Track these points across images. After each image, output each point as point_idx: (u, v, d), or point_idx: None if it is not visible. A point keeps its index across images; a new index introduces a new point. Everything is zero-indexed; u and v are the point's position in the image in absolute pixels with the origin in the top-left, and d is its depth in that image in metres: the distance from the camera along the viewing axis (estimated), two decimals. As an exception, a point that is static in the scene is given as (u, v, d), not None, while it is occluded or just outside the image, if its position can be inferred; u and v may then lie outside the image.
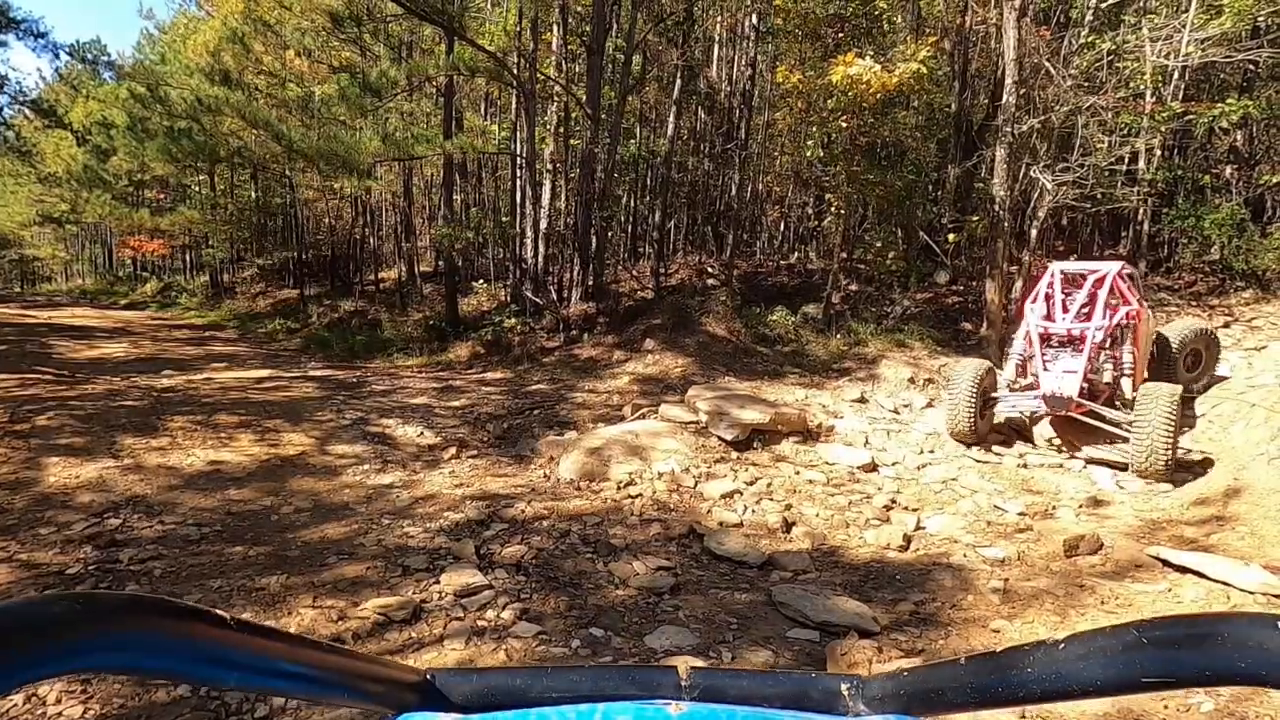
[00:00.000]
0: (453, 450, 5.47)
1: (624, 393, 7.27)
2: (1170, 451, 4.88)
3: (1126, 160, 11.36)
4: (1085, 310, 5.68)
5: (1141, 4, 10.99)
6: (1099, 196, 10.00)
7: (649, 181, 15.72)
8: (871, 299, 10.14)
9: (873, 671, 0.63)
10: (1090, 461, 5.81)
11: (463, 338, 11.26)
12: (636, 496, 4.69)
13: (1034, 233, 9.32)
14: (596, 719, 0.52)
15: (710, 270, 12.94)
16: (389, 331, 13.07)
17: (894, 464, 5.84)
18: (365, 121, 9.94)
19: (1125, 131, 10.20)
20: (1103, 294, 5.62)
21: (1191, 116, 10.71)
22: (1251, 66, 13.62)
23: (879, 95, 7.11)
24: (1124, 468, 5.58)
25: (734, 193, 13.89)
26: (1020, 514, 4.73)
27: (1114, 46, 8.64)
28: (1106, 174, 10.43)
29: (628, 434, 5.67)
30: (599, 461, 5.21)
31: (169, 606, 0.39)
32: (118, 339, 12.93)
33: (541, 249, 11.87)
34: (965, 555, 3.98)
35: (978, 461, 5.88)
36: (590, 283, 10.46)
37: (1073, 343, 5.58)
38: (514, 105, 12.11)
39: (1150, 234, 12.28)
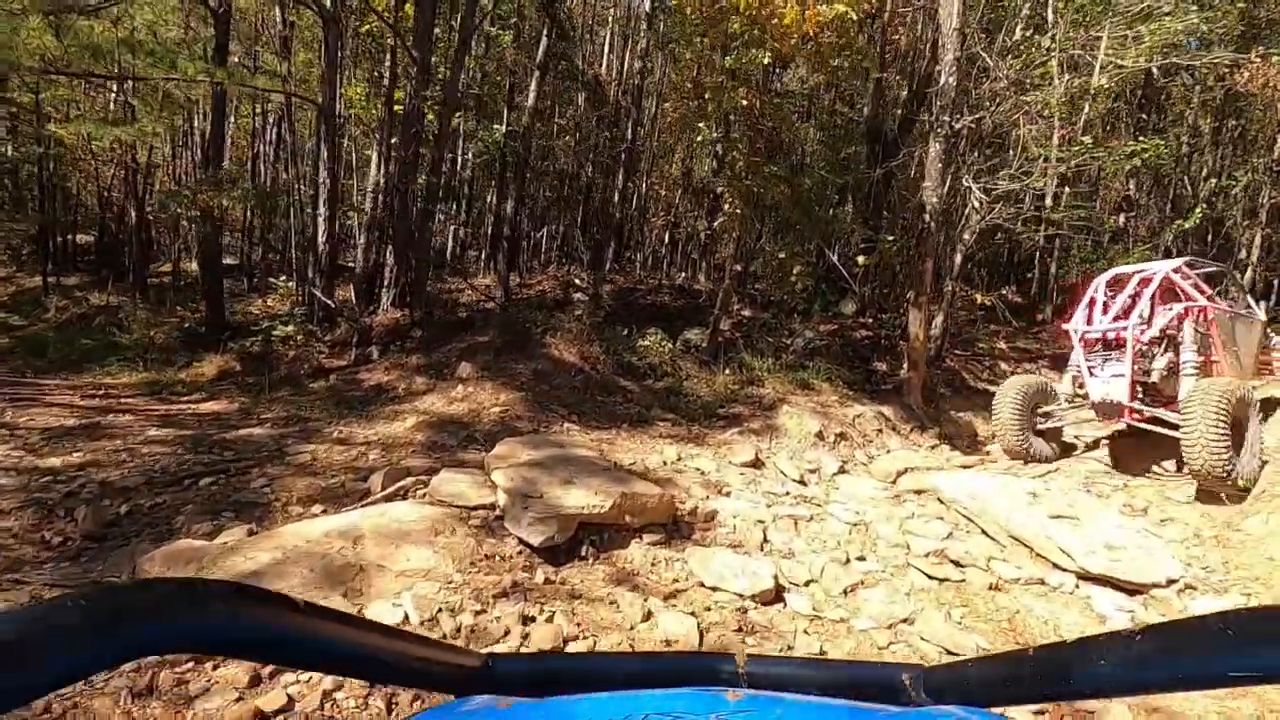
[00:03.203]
0: (-65, 574, 2.59)
1: (398, 445, 4.61)
2: (1224, 450, 4.11)
3: (1031, 201, 10.45)
4: (1128, 310, 5.06)
5: (1055, 31, 10.09)
6: (1012, 228, 8.73)
7: (523, 180, 13.22)
8: (769, 327, 8.15)
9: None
10: (1084, 578, 3.90)
11: (224, 348, 8.09)
12: (278, 714, 2.08)
13: (959, 258, 7.72)
14: (654, 704, 0.51)
15: (579, 282, 10.57)
16: (135, 335, 9.55)
17: (808, 583, 3.60)
18: (74, 23, 6.72)
19: (1041, 158, 9.13)
20: (1148, 292, 4.96)
21: (1100, 155, 9.88)
22: (1144, 118, 13.39)
23: (794, 40, 5.15)
24: (1133, 592, 3.77)
25: (616, 198, 11.70)
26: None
27: (1051, 44, 7.30)
28: (1018, 204, 9.29)
29: (347, 534, 3.04)
30: (249, 605, 2.54)
31: (250, 591, 0.40)
32: None
33: (361, 240, 9.03)
34: None
35: (931, 578, 3.79)
36: (407, 283, 7.71)
37: (1119, 346, 5.00)
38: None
39: (1056, 277, 11.38)
